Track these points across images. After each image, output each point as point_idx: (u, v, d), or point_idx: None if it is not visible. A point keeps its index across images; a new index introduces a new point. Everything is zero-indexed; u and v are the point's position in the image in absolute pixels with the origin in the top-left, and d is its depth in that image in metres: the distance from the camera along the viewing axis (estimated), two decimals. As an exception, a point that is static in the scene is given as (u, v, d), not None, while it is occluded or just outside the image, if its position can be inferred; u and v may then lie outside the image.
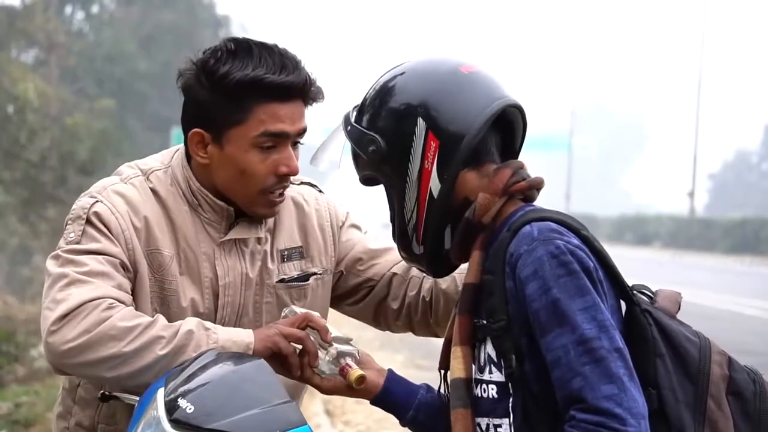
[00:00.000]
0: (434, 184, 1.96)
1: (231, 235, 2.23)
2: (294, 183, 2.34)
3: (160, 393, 1.87)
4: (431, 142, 1.96)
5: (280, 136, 2.14)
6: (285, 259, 2.30)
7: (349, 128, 2.05)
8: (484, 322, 1.90)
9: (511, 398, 1.87)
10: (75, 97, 21.71)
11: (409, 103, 1.98)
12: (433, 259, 2.03)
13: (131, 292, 2.11)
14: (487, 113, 1.95)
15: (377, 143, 1.99)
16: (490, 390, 1.90)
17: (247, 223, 2.24)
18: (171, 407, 1.83)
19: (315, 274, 2.34)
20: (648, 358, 1.85)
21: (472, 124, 1.94)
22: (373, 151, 2.00)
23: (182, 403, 1.82)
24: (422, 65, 2.03)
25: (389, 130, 1.99)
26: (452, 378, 1.94)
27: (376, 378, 2.09)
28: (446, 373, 2.01)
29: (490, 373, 1.90)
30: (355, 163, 2.07)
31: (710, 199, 78.56)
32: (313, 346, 2.06)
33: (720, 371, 1.90)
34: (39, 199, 15.45)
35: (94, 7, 31.10)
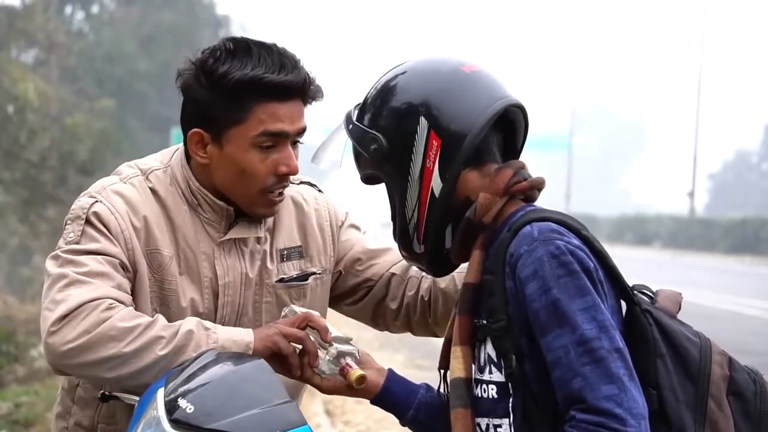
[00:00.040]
0: (436, 184, 1.96)
1: (230, 234, 2.22)
2: (293, 182, 2.34)
3: (160, 393, 1.87)
4: (433, 141, 1.95)
5: (280, 135, 2.14)
6: (284, 258, 2.29)
7: (350, 127, 2.05)
8: (484, 322, 1.90)
9: (511, 398, 1.87)
10: (75, 97, 21.72)
11: (411, 102, 1.97)
12: (433, 258, 2.03)
13: (131, 292, 2.11)
14: (489, 113, 1.95)
15: (379, 142, 1.99)
16: (490, 390, 1.90)
17: (246, 222, 2.24)
18: (171, 407, 1.82)
19: (314, 273, 2.33)
20: (648, 359, 1.85)
21: (474, 123, 1.94)
22: (375, 149, 2.00)
23: (182, 403, 1.82)
24: (424, 64, 2.02)
25: (391, 129, 1.98)
26: (452, 378, 1.94)
27: (376, 378, 2.09)
28: (446, 373, 2.01)
29: (490, 373, 1.90)
30: (357, 161, 2.07)
31: (710, 199, 78.56)
32: (313, 346, 2.05)
33: (720, 371, 1.89)
34: (39, 199, 15.45)
35: (94, 7, 31.11)
